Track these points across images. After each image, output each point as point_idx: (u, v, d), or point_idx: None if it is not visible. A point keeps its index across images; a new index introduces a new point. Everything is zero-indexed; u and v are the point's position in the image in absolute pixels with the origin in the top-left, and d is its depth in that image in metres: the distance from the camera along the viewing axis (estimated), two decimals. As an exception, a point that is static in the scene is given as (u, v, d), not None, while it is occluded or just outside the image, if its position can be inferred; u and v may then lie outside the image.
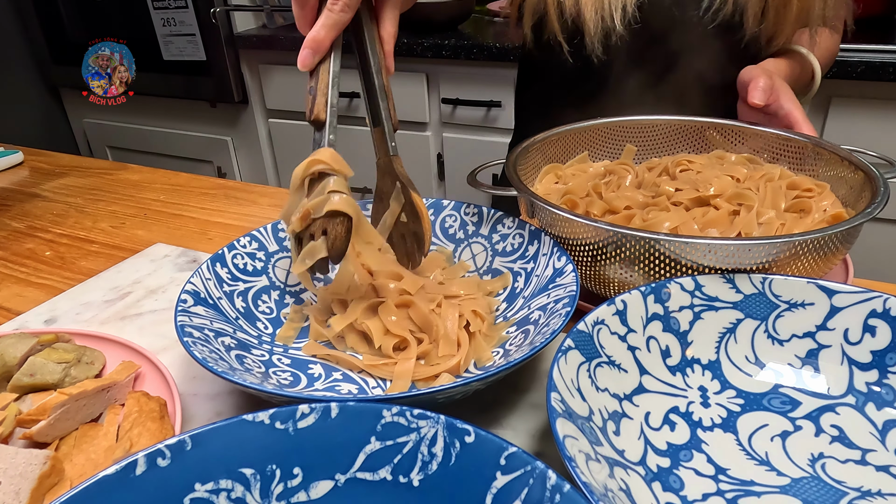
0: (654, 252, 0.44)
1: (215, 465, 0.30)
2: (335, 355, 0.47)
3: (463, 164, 1.66)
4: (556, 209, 0.48)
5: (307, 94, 0.48)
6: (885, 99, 1.19)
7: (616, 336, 0.41)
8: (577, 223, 0.47)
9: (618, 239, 0.44)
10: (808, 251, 0.43)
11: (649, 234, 0.43)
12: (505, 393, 0.45)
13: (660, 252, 0.44)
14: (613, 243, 0.45)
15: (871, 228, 1.31)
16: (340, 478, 0.31)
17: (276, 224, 0.56)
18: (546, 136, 0.62)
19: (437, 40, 1.49)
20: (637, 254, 0.44)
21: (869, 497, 0.35)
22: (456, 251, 0.58)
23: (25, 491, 0.33)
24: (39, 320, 0.57)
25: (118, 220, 0.78)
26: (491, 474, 0.29)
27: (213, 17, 1.71)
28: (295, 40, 1.67)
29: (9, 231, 0.76)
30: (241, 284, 0.52)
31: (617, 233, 0.44)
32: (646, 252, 0.44)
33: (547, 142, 0.62)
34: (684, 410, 0.41)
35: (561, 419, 0.32)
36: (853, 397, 0.40)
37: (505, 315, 0.51)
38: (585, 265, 0.48)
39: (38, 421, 0.38)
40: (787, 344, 0.43)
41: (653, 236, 0.43)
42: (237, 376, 0.38)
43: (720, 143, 0.63)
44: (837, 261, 0.46)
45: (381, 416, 0.31)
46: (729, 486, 0.36)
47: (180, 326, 0.42)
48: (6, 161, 0.97)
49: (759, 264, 0.43)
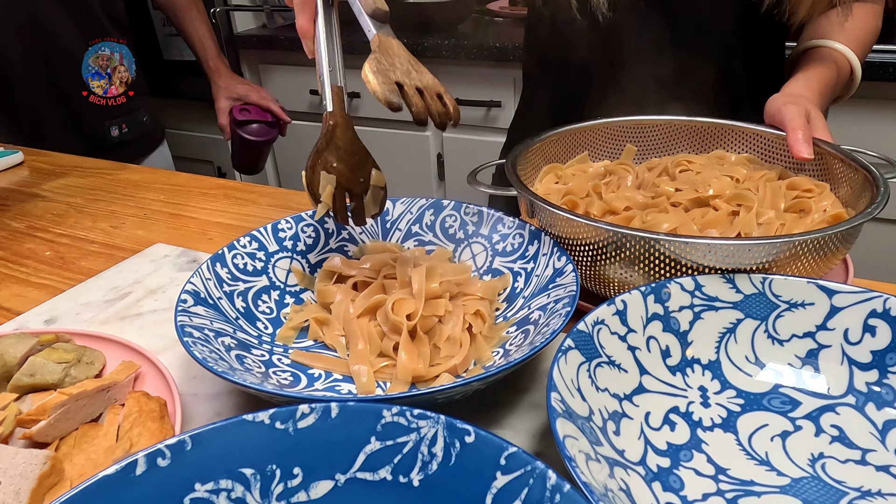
0: (654, 252, 0.44)
1: (215, 465, 0.30)
2: (321, 358, 0.48)
3: (463, 164, 1.66)
4: (556, 209, 0.48)
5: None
6: (885, 99, 1.19)
7: (616, 336, 0.41)
8: (577, 223, 0.47)
9: (618, 239, 0.45)
10: (807, 251, 0.43)
11: (649, 235, 0.43)
12: (505, 393, 0.45)
13: (660, 252, 0.44)
14: (613, 243, 0.45)
15: (871, 228, 1.31)
16: (340, 478, 0.31)
17: (276, 224, 0.57)
18: (546, 136, 0.62)
19: (437, 40, 1.49)
20: (637, 254, 0.44)
21: (869, 497, 0.35)
22: (456, 251, 0.58)
23: (25, 491, 0.33)
24: (39, 320, 0.57)
25: (118, 220, 0.78)
26: (491, 474, 0.29)
27: (213, 17, 1.71)
28: (295, 40, 1.67)
29: (9, 231, 0.76)
30: (241, 284, 0.52)
31: (617, 233, 0.44)
32: (646, 252, 0.44)
33: (547, 142, 0.63)
34: (684, 410, 0.41)
35: (561, 419, 0.32)
36: (853, 397, 0.40)
37: (505, 315, 0.51)
38: (585, 265, 0.48)
39: (38, 421, 0.38)
40: (787, 344, 0.43)
41: (653, 236, 0.43)
42: (237, 376, 0.39)
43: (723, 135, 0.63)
44: (837, 261, 0.46)
45: (381, 416, 0.31)
46: (729, 486, 0.36)
47: (180, 326, 0.42)
48: (6, 161, 0.97)
49: (759, 264, 0.43)
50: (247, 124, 1.31)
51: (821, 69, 0.62)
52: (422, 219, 0.59)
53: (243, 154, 1.35)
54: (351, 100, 1.69)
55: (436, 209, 0.59)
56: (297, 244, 0.57)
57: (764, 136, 0.60)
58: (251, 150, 1.34)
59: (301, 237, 0.57)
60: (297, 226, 0.57)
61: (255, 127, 1.32)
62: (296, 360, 0.48)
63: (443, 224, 0.59)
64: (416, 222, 0.60)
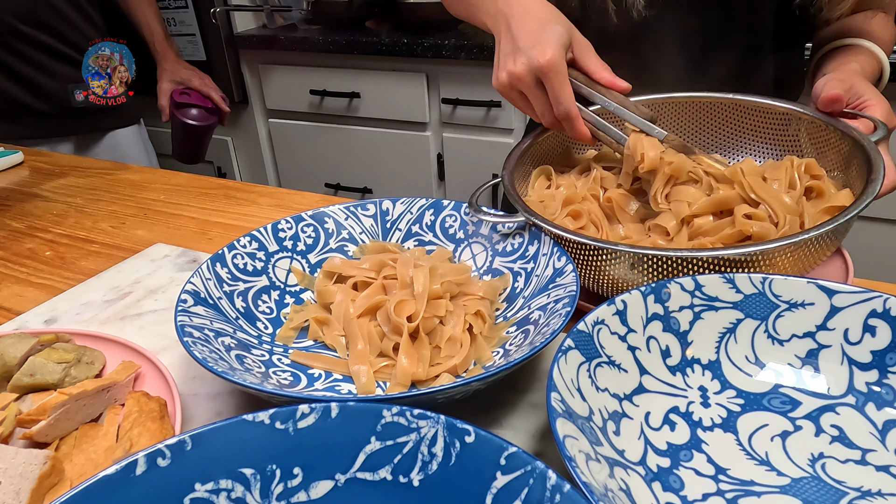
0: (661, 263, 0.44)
1: (215, 465, 0.30)
2: (321, 358, 0.48)
3: (463, 164, 1.66)
4: (564, 232, 0.48)
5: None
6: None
7: (616, 336, 0.41)
8: (590, 246, 0.47)
9: (631, 257, 0.45)
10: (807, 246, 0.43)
11: (660, 252, 0.44)
12: (505, 393, 0.45)
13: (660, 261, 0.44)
14: (624, 259, 0.45)
15: (872, 228, 1.31)
16: (340, 478, 0.31)
17: (276, 224, 0.57)
18: (532, 142, 0.62)
19: (437, 40, 1.49)
20: (644, 266, 0.45)
21: (869, 497, 0.35)
22: (456, 251, 0.58)
23: (25, 491, 0.33)
24: (39, 320, 0.57)
25: (118, 220, 0.78)
26: (491, 474, 0.29)
27: (213, 17, 1.71)
28: (294, 40, 1.67)
29: (9, 231, 0.76)
30: (241, 284, 0.52)
31: (633, 254, 0.45)
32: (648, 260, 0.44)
33: (535, 145, 0.62)
34: (684, 410, 0.41)
35: (561, 419, 0.32)
36: (853, 397, 0.40)
37: (505, 315, 0.51)
38: (585, 265, 0.48)
39: (38, 421, 0.38)
40: (787, 344, 0.43)
41: (665, 254, 0.44)
42: (237, 376, 0.39)
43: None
44: (835, 246, 0.46)
45: (381, 416, 0.31)
46: (729, 486, 0.36)
47: (180, 326, 0.42)
48: (6, 161, 0.97)
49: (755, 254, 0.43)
50: (186, 108, 1.32)
51: (861, 58, 0.63)
52: (422, 219, 0.59)
53: (181, 140, 1.37)
54: (351, 100, 1.70)
55: (436, 209, 0.59)
56: (297, 244, 0.57)
57: (754, 106, 0.60)
58: (190, 136, 1.36)
59: (301, 237, 0.57)
60: (297, 226, 0.57)
61: (194, 112, 1.34)
62: (296, 360, 0.48)
63: (443, 224, 0.59)
64: (416, 222, 0.60)
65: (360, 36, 1.58)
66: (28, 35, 1.15)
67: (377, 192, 1.82)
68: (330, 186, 1.87)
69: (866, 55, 0.64)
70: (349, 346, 0.48)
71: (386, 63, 1.60)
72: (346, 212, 0.60)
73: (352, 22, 1.73)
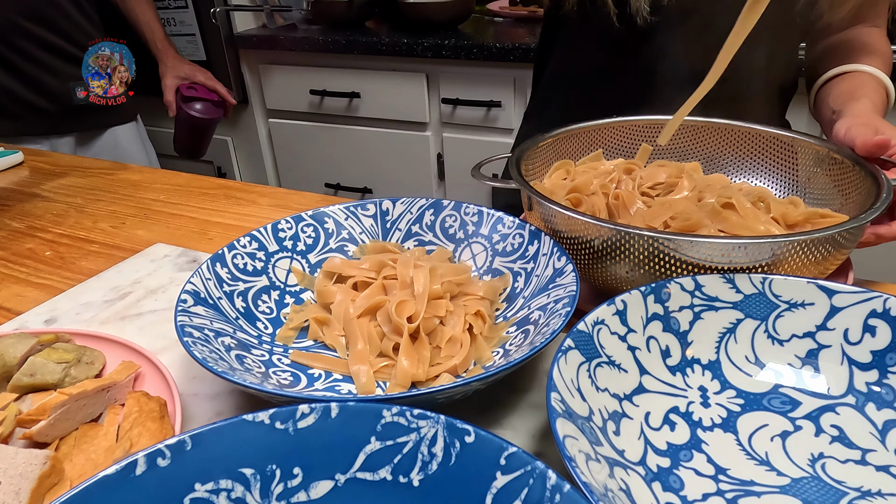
0: (654, 250, 0.44)
1: (215, 465, 0.30)
2: (321, 358, 0.48)
3: (463, 164, 1.66)
4: (552, 204, 0.48)
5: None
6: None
7: (616, 336, 0.41)
8: (576, 220, 0.46)
9: (615, 235, 0.44)
10: (808, 249, 0.43)
11: (649, 233, 0.43)
12: (505, 393, 0.45)
13: (658, 250, 0.44)
14: (611, 240, 0.45)
15: (871, 228, 1.31)
16: (340, 478, 0.31)
17: (276, 224, 0.57)
18: (558, 133, 0.62)
19: (437, 40, 1.49)
20: (637, 251, 0.44)
21: (869, 497, 0.35)
22: (456, 251, 0.58)
23: (25, 491, 0.33)
24: (39, 320, 0.57)
25: (118, 220, 0.78)
26: (491, 474, 0.29)
27: (213, 17, 1.71)
28: (294, 40, 1.67)
29: (9, 231, 0.76)
30: (241, 284, 0.52)
31: (613, 230, 0.44)
32: (645, 251, 0.44)
33: (560, 138, 0.62)
34: (684, 410, 0.41)
35: (561, 419, 0.32)
36: (853, 397, 0.40)
37: (505, 315, 0.51)
38: (585, 265, 0.48)
39: (38, 421, 0.38)
40: (787, 344, 0.43)
41: (651, 234, 0.43)
42: (237, 376, 0.39)
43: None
44: (839, 260, 0.46)
45: (381, 416, 0.31)
46: (729, 486, 0.36)
47: (180, 326, 0.42)
48: (6, 161, 0.97)
49: (759, 262, 0.43)
50: (194, 102, 1.33)
51: (867, 90, 0.62)
52: (422, 219, 0.59)
53: (186, 135, 1.38)
54: (351, 100, 1.69)
55: (436, 209, 0.59)
56: (297, 244, 0.57)
57: (780, 139, 0.60)
58: (196, 129, 1.38)
59: (301, 237, 0.57)
60: (297, 226, 0.57)
61: (202, 105, 1.35)
62: (296, 360, 0.48)
63: (443, 224, 0.59)
64: (416, 222, 0.60)
65: (360, 36, 1.58)
66: (32, 32, 1.16)
67: (377, 192, 1.82)
68: (330, 186, 1.87)
69: (872, 85, 0.63)
70: (349, 347, 0.48)
71: (386, 63, 1.61)
72: (346, 212, 0.60)
73: (352, 22, 1.73)
